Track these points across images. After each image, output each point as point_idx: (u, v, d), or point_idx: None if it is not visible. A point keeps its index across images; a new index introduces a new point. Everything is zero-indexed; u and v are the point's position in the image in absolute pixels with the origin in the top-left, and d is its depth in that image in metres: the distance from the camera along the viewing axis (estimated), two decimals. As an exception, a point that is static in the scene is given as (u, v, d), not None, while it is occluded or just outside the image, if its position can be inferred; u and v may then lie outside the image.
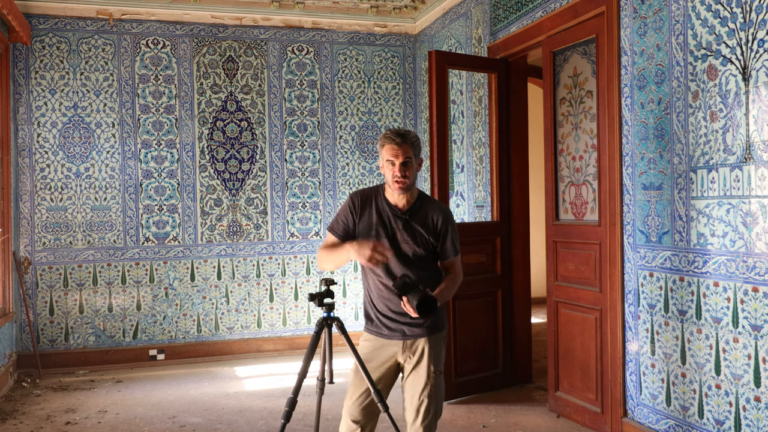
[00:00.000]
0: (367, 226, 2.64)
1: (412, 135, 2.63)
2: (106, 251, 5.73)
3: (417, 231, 2.62)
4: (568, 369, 4.16)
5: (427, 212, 2.66)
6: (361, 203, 2.67)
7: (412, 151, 2.58)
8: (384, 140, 2.60)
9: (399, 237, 2.62)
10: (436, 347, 2.65)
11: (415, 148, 2.61)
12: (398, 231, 2.62)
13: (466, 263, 4.62)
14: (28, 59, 5.56)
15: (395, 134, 2.58)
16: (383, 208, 2.65)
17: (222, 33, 6.00)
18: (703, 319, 3.14)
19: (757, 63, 2.81)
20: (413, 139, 2.61)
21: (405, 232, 2.62)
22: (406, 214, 2.63)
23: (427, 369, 2.61)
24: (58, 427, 4.18)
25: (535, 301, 5.63)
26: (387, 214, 2.63)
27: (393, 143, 2.56)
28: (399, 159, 2.55)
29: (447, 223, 2.67)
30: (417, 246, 2.61)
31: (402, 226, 2.62)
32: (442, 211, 2.68)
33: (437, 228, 2.65)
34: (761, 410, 2.83)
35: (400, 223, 2.62)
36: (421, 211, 2.65)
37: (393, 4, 6.21)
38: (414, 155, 2.59)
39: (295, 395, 2.52)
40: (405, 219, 2.62)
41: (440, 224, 2.65)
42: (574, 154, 4.19)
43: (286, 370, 5.51)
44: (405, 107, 6.49)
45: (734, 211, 2.95)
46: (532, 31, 4.44)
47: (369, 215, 2.65)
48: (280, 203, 6.15)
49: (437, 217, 2.65)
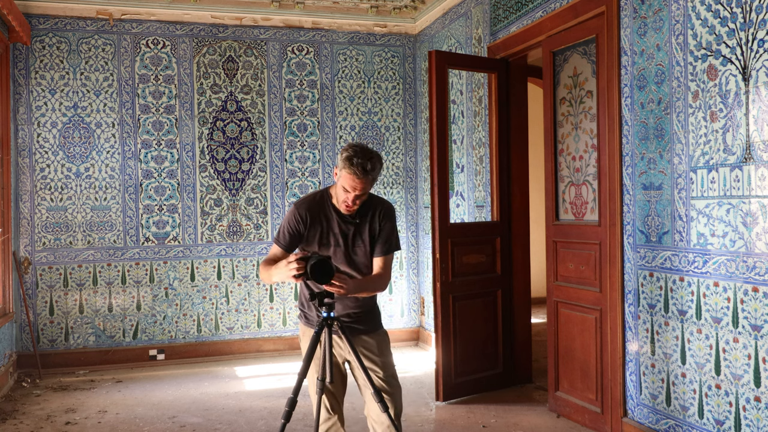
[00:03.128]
0: (318, 235, 2.67)
1: (377, 168, 2.55)
2: (106, 251, 5.73)
3: (366, 232, 2.68)
4: (568, 369, 4.16)
5: (374, 212, 2.71)
6: (309, 213, 2.67)
7: (371, 184, 2.58)
8: (347, 165, 2.50)
9: (350, 241, 2.67)
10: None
11: (375, 178, 2.57)
12: (349, 235, 2.67)
13: (466, 263, 4.65)
14: (28, 59, 5.56)
15: (361, 167, 2.48)
16: (331, 215, 2.68)
17: (222, 33, 6.00)
18: (703, 319, 3.14)
19: (757, 63, 2.81)
20: (376, 173, 2.56)
21: (357, 236, 2.68)
22: (356, 218, 2.68)
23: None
24: (58, 427, 4.18)
25: (535, 301, 5.62)
26: (336, 220, 2.67)
27: (355, 176, 2.50)
28: (356, 191, 2.55)
29: (388, 219, 2.71)
30: (367, 246, 2.69)
31: (353, 231, 2.67)
32: (386, 209, 2.74)
33: (380, 226, 2.70)
34: (761, 410, 2.83)
35: (351, 228, 2.67)
36: (368, 212, 2.70)
37: (393, 4, 6.21)
38: (371, 185, 2.58)
39: (295, 395, 2.52)
40: (355, 222, 2.67)
41: (383, 222, 2.70)
42: (574, 154, 4.19)
43: (286, 370, 5.51)
44: (405, 107, 6.49)
45: (734, 211, 2.95)
46: (532, 31, 4.44)
47: (318, 224, 2.67)
48: (280, 203, 6.15)
49: (381, 214, 2.71)
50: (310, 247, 2.69)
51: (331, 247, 2.67)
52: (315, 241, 2.67)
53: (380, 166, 2.60)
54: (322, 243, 2.67)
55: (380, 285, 2.69)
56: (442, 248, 4.50)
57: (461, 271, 4.61)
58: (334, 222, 2.67)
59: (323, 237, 2.67)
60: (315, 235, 2.67)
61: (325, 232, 2.67)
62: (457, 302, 4.57)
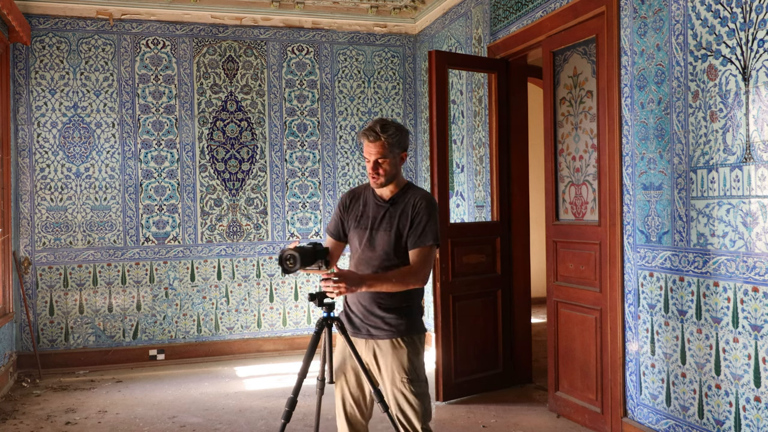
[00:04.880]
0: (354, 218, 2.68)
1: (391, 130, 2.54)
2: (106, 251, 5.73)
3: (396, 217, 2.59)
4: (568, 369, 4.16)
5: (409, 199, 2.62)
6: (351, 199, 2.73)
7: (389, 147, 2.53)
8: (361, 135, 2.58)
9: (377, 225, 2.61)
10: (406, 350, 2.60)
11: (392, 144, 2.53)
12: (378, 219, 2.63)
13: (466, 263, 4.65)
14: (28, 59, 5.56)
15: (370, 130, 2.53)
16: (369, 200, 2.69)
17: (222, 33, 6.00)
18: (703, 319, 3.14)
19: (757, 63, 2.81)
20: (391, 135, 2.53)
21: (384, 221, 2.61)
22: (389, 203, 2.65)
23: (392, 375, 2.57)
24: (58, 427, 4.18)
25: (535, 301, 5.62)
26: (372, 204, 2.67)
27: (366, 140, 2.55)
28: (372, 157, 2.56)
29: (423, 211, 2.56)
30: (392, 233, 2.57)
31: (382, 215, 2.63)
32: (424, 199, 2.61)
33: (412, 216, 2.57)
34: (761, 410, 2.83)
35: (381, 211, 2.64)
36: (404, 198, 2.63)
37: (393, 4, 6.21)
38: (390, 152, 2.54)
39: (295, 395, 2.52)
40: (386, 207, 2.64)
41: (416, 211, 2.57)
42: (574, 154, 4.19)
43: (286, 370, 5.51)
44: (405, 107, 6.49)
45: (734, 211, 2.95)
46: (532, 31, 4.44)
47: (356, 208, 2.70)
48: (280, 203, 6.15)
49: (418, 203, 2.59)
50: (350, 234, 2.68)
51: (365, 230, 2.62)
52: (353, 225, 2.67)
53: (396, 131, 2.54)
54: (359, 226, 2.65)
55: (409, 279, 2.51)
56: (442, 248, 4.50)
57: (461, 271, 4.61)
58: (370, 206, 2.67)
59: (360, 220, 2.66)
60: (353, 219, 2.68)
61: (361, 215, 2.67)
62: (457, 302, 4.57)
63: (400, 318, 2.58)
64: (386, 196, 2.65)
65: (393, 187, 2.64)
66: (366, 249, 2.62)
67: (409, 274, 2.52)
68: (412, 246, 2.56)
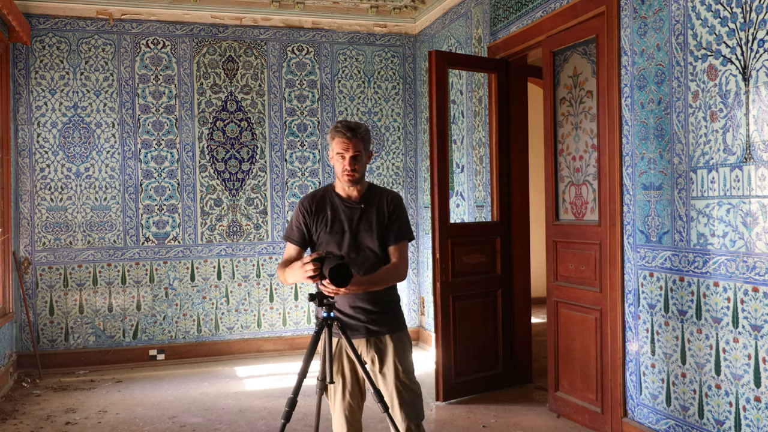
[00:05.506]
0: (323, 223, 2.66)
1: (363, 128, 2.64)
2: (106, 251, 5.73)
3: (373, 216, 2.64)
4: (568, 369, 4.16)
5: (381, 198, 2.68)
6: (314, 205, 2.69)
7: (362, 144, 2.61)
8: (334, 133, 2.61)
9: (356, 227, 2.63)
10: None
11: (365, 141, 2.63)
12: (354, 220, 2.63)
13: (466, 263, 4.65)
14: (28, 59, 5.56)
15: (345, 127, 2.59)
16: (336, 203, 2.67)
17: (222, 33, 6.00)
18: (703, 319, 3.14)
19: (757, 63, 2.81)
20: (363, 132, 2.62)
21: (362, 221, 2.63)
22: (360, 203, 2.66)
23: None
24: (58, 427, 4.18)
25: (535, 301, 5.62)
26: (341, 207, 2.66)
27: (343, 137, 2.58)
28: (349, 152, 2.58)
29: (398, 208, 2.69)
30: (375, 232, 2.63)
31: (358, 216, 2.64)
32: (394, 198, 2.71)
33: (389, 212, 2.66)
34: (761, 410, 2.83)
35: (356, 213, 2.65)
36: (374, 198, 2.68)
37: (393, 4, 6.21)
38: (364, 148, 2.62)
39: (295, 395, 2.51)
40: (360, 208, 2.65)
41: (392, 208, 2.67)
42: (574, 154, 4.19)
43: (286, 370, 5.51)
44: (405, 107, 6.49)
45: (734, 211, 2.95)
46: (532, 31, 4.44)
47: (323, 214, 2.67)
48: (280, 203, 6.15)
49: (392, 200, 2.69)
50: (322, 240, 2.66)
51: (343, 233, 2.64)
52: (325, 231, 2.64)
53: (366, 130, 2.65)
54: (333, 231, 2.64)
55: (396, 275, 2.63)
56: (442, 248, 4.50)
57: (461, 271, 4.61)
58: (340, 209, 2.66)
59: (333, 224, 2.65)
60: (323, 225, 2.65)
61: (332, 220, 2.65)
62: (457, 302, 4.57)
63: (392, 314, 2.70)
64: (355, 196, 2.67)
65: (360, 187, 2.68)
66: (351, 251, 2.64)
67: (395, 271, 2.63)
68: (393, 242, 2.66)
